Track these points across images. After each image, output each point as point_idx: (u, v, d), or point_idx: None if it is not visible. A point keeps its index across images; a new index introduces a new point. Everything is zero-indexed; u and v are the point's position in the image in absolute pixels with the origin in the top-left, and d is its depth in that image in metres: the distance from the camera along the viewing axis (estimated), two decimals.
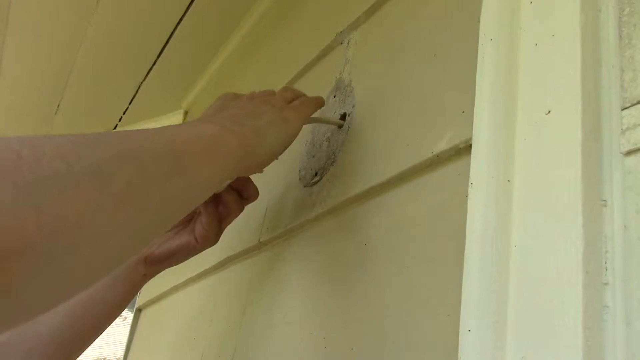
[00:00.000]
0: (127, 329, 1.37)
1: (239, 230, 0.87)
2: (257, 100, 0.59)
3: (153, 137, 0.43)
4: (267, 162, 0.57)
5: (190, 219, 0.70)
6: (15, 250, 0.29)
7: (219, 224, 0.68)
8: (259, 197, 0.70)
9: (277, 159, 0.58)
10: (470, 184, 0.43)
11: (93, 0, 1.21)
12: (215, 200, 0.67)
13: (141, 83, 1.52)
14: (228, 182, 0.62)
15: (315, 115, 0.67)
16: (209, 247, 0.69)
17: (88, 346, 0.69)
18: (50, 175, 0.32)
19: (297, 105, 0.63)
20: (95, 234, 0.34)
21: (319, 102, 0.67)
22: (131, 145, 0.40)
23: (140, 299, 1.38)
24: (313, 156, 0.73)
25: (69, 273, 0.34)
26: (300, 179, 0.74)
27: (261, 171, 0.60)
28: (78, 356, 0.68)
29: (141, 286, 0.71)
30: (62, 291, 0.35)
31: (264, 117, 0.56)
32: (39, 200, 0.31)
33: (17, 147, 0.32)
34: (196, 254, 0.70)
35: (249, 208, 0.85)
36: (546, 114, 0.40)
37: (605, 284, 0.35)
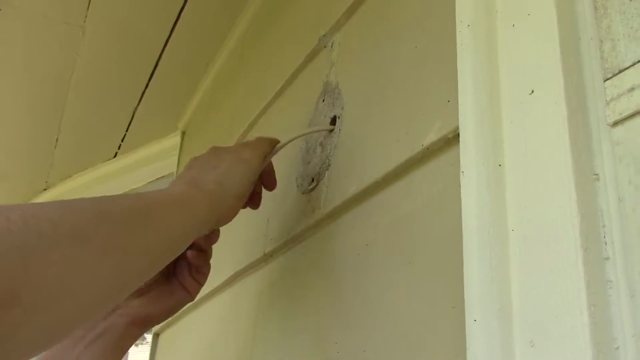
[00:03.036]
0: (144, 355, 1.37)
1: (244, 244, 0.87)
2: (217, 151, 0.64)
3: (128, 198, 0.49)
4: (237, 206, 0.61)
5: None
6: (4, 304, 0.32)
7: (207, 271, 0.69)
8: (260, 210, 0.69)
9: (245, 200, 0.62)
10: (461, 173, 0.42)
11: (78, 30, 1.22)
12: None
13: (135, 109, 1.52)
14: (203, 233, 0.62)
15: (305, 128, 0.68)
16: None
17: None
18: (37, 236, 0.36)
19: (251, 143, 0.66)
20: (77, 288, 0.38)
21: (274, 140, 0.69)
22: (108, 206, 0.45)
23: None
24: (308, 162, 0.73)
25: (52, 323, 0.37)
26: (297, 186, 0.73)
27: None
28: None
29: (129, 347, 0.68)
30: (44, 340, 0.38)
31: (222, 165, 0.61)
32: (26, 257, 0.34)
33: (6, 212, 0.35)
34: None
35: (251, 221, 0.85)
36: (530, 94, 0.40)
37: (606, 258, 0.34)
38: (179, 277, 0.67)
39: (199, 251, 0.67)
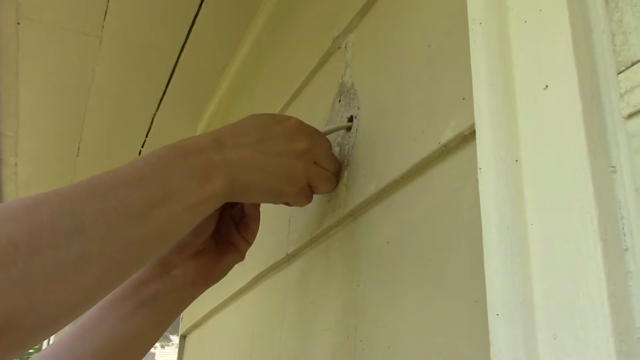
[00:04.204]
0: (170, 356, 1.39)
1: (266, 245, 0.88)
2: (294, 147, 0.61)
3: (134, 193, 0.48)
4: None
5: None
6: (5, 329, 0.36)
7: (256, 228, 0.69)
8: (281, 211, 0.70)
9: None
10: (479, 169, 0.43)
11: (95, 40, 1.24)
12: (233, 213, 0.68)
13: (154, 114, 1.54)
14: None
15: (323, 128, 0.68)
16: None
17: None
18: (41, 265, 0.38)
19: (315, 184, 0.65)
20: (74, 308, 0.41)
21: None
22: (114, 220, 0.44)
23: (182, 325, 1.40)
24: None
25: (48, 336, 0.40)
26: None
27: None
28: None
29: (185, 308, 0.67)
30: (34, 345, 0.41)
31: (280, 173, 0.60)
32: (29, 288, 0.37)
33: (16, 238, 0.38)
34: None
35: (272, 223, 0.86)
36: (544, 89, 0.40)
37: (626, 249, 0.35)
38: (228, 237, 0.67)
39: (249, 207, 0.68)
